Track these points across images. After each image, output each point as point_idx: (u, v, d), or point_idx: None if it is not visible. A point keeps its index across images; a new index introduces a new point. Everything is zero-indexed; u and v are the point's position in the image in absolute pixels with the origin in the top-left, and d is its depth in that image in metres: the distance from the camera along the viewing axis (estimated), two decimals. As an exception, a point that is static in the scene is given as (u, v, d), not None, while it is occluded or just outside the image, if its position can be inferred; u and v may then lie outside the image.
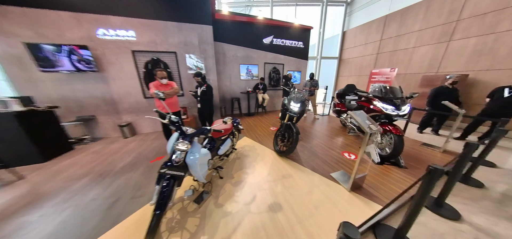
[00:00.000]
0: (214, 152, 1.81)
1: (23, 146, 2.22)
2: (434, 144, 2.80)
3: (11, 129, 2.14)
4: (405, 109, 2.06)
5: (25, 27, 2.53)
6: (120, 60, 3.11)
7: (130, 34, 3.04)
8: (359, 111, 1.56)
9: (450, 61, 3.96)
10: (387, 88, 2.28)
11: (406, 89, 4.96)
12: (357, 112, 1.55)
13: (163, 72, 2.28)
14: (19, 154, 2.21)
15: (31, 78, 2.73)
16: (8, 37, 2.48)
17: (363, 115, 1.50)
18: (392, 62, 5.25)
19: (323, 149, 2.58)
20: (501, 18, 3.23)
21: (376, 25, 5.61)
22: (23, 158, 2.23)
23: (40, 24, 2.58)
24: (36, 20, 2.55)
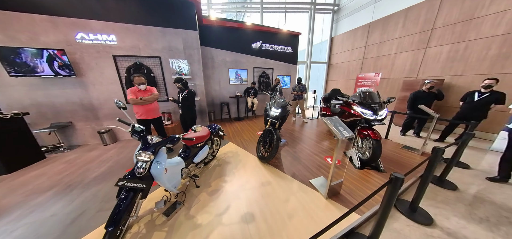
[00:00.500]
0: (189, 160, 1.74)
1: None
2: (414, 146, 2.87)
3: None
4: (382, 114, 2.10)
5: (-6, 30, 2.40)
6: (100, 64, 3.01)
7: (111, 38, 2.96)
8: (333, 117, 1.56)
9: (428, 66, 4.16)
10: (366, 93, 2.34)
11: (389, 93, 5.16)
12: (331, 117, 1.56)
13: (140, 78, 2.21)
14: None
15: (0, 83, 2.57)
16: (-26, 40, 2.34)
17: (337, 121, 1.51)
18: (376, 67, 5.45)
19: (307, 154, 2.57)
20: (469, 28, 3.47)
21: (361, 32, 5.85)
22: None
23: (11, 27, 2.46)
24: (7, 22, 2.44)
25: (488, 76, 3.12)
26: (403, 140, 3.40)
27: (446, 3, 3.77)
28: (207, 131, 1.95)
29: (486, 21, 3.29)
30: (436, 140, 3.34)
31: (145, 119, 2.38)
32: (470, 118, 2.72)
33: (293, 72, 6.19)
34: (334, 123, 1.48)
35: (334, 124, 1.46)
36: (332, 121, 1.49)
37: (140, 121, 2.38)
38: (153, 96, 2.33)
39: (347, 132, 1.42)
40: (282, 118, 2.39)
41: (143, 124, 2.37)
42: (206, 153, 1.98)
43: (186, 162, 1.71)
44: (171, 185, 1.49)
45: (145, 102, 2.26)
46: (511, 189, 1.84)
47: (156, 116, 2.48)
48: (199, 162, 1.91)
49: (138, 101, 2.20)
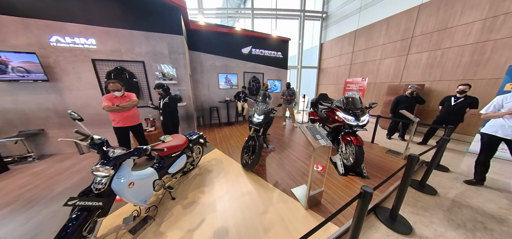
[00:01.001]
0: (163, 171, 1.64)
1: None
2: (399, 150, 2.92)
3: None
4: (364, 119, 2.11)
5: (-46, 32, 2.22)
6: (77, 69, 2.85)
7: (90, 42, 2.84)
8: (311, 125, 1.54)
9: (410, 72, 4.34)
10: (349, 98, 2.35)
11: (376, 97, 5.31)
12: (309, 125, 1.53)
13: (116, 84, 2.10)
14: None
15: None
16: None
17: (314, 129, 1.48)
18: (363, 72, 5.63)
19: (293, 160, 2.53)
20: (444, 37, 3.69)
21: (348, 38, 6.06)
22: None
23: (-25, 28, 2.29)
24: (-30, 24, 2.26)
25: (462, 81, 3.29)
26: (388, 144, 3.46)
27: (423, 14, 3.99)
28: (184, 140, 1.86)
29: (458, 31, 3.51)
30: (419, 143, 3.43)
31: (122, 126, 2.24)
32: (449, 122, 2.83)
33: (284, 77, 6.25)
34: (312, 131, 1.45)
35: (312, 132, 1.43)
36: (310, 129, 1.46)
37: (118, 129, 2.24)
38: (131, 102, 2.21)
39: (324, 140, 1.39)
40: (265, 124, 2.35)
41: (121, 132, 2.29)
42: (184, 163, 1.88)
43: (160, 173, 1.61)
44: (140, 199, 1.38)
45: (122, 109, 2.14)
46: (487, 192, 1.88)
47: (136, 123, 2.35)
48: (176, 172, 1.81)
49: (113, 108, 2.07)
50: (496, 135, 1.81)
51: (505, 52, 3.07)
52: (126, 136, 2.34)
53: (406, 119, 2.84)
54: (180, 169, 1.88)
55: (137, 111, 2.41)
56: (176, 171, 1.79)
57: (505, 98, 1.81)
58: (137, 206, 1.42)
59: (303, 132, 1.44)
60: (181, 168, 1.88)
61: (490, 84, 3.24)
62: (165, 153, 1.58)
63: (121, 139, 2.31)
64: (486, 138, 1.91)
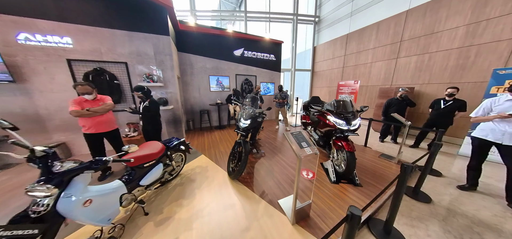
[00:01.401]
0: (133, 183, 1.45)
1: None
2: (392, 154, 2.86)
3: None
4: (356, 123, 2.02)
5: None
6: (50, 69, 2.62)
7: (66, 41, 2.62)
8: (297, 131, 1.42)
9: (400, 75, 4.40)
10: (340, 102, 2.27)
11: (368, 100, 5.34)
12: (295, 131, 1.41)
13: (86, 86, 1.87)
14: None
15: None
16: None
17: (300, 136, 1.36)
18: (355, 75, 5.68)
19: (282, 167, 2.39)
20: (430, 41, 3.77)
21: (340, 42, 6.13)
22: None
23: None
24: None
25: (450, 84, 3.33)
26: (381, 147, 3.41)
27: (410, 19, 4.08)
28: (160, 147, 1.68)
29: (444, 35, 3.59)
30: (411, 146, 3.41)
31: (94, 133, 2.02)
32: (439, 125, 2.82)
33: (277, 79, 6.19)
34: (297, 138, 1.33)
35: (297, 140, 1.31)
36: (295, 136, 1.34)
37: (89, 135, 2.02)
38: (105, 106, 2.00)
39: (311, 148, 1.27)
40: (253, 129, 2.21)
41: (94, 140, 2.05)
42: (160, 173, 1.69)
43: (130, 185, 1.42)
44: (101, 218, 1.18)
45: (93, 114, 1.92)
46: (480, 198, 1.81)
47: (110, 129, 2.13)
48: (151, 184, 1.62)
49: (83, 113, 1.85)
50: (487, 139, 1.77)
51: (489, 56, 3.14)
52: (100, 144, 2.12)
53: (398, 122, 2.79)
54: (156, 180, 1.70)
55: (112, 116, 2.20)
56: (150, 183, 1.60)
57: (494, 101, 1.78)
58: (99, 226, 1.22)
59: (288, 139, 1.31)
60: (157, 179, 1.70)
61: (476, 87, 3.30)
62: (133, 164, 1.40)
63: (93, 147, 2.08)
64: (477, 142, 1.87)
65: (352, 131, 1.98)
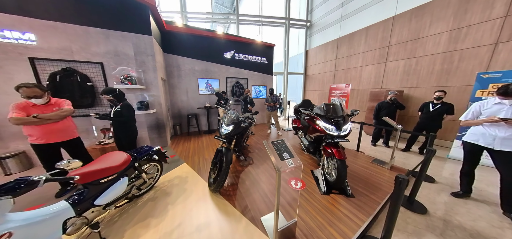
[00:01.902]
0: (85, 203, 1.20)
1: None
2: (384, 159, 2.77)
3: None
4: (346, 128, 1.90)
5: None
6: (7, 68, 2.31)
7: (28, 37, 2.34)
8: (280, 140, 1.26)
9: (389, 79, 4.44)
10: (329, 106, 2.16)
11: (360, 103, 5.35)
12: (277, 140, 1.25)
13: (33, 89, 1.56)
14: None
15: None
16: None
17: (282, 146, 1.20)
18: (347, 78, 5.71)
19: (270, 176, 2.21)
20: (417, 46, 3.85)
21: (331, 46, 6.20)
22: None
23: None
24: None
25: (437, 88, 3.37)
26: (374, 152, 3.34)
27: (397, 24, 4.17)
28: (124, 159, 1.44)
29: (429, 40, 3.67)
30: (403, 149, 3.37)
31: (46, 143, 1.67)
32: (429, 128, 2.78)
33: (269, 82, 6.10)
34: (279, 148, 1.16)
35: (278, 150, 1.14)
36: (277, 146, 1.17)
37: (38, 146, 1.67)
38: (60, 112, 1.69)
39: (293, 160, 1.10)
40: (237, 136, 2.03)
41: (45, 151, 1.69)
42: (124, 188, 1.44)
43: (79, 207, 1.17)
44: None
45: (42, 121, 1.58)
46: (475, 206, 1.73)
47: (68, 138, 1.81)
48: (111, 202, 1.37)
49: (27, 120, 1.52)
50: (478, 143, 1.70)
51: (471, 61, 3.21)
52: (55, 156, 1.75)
53: (389, 126, 2.73)
54: (119, 197, 1.45)
55: (71, 123, 1.89)
56: (110, 201, 1.35)
57: (482, 104, 1.73)
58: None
59: (268, 150, 1.14)
60: (120, 196, 1.45)
61: (461, 90, 3.35)
62: (83, 181, 1.16)
63: (45, 160, 1.72)
64: (468, 147, 1.80)
65: (342, 137, 1.85)
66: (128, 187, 1.57)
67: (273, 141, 1.20)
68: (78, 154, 1.93)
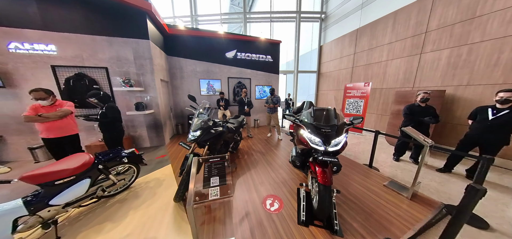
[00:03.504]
0: (40, 203, 1.24)
1: None
2: (404, 182, 2.09)
3: None
4: (337, 143, 1.44)
5: None
6: (36, 75, 2.78)
7: (50, 48, 2.76)
8: (219, 157, 0.99)
9: (425, 75, 3.43)
10: (320, 111, 1.73)
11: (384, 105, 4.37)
12: (215, 158, 0.99)
13: (39, 92, 1.86)
14: None
15: None
16: None
17: (219, 165, 0.93)
18: (367, 76, 4.78)
19: (248, 188, 1.93)
20: (470, 29, 2.79)
21: (349, 39, 5.32)
22: None
23: None
24: None
25: (505, 86, 2.34)
26: (394, 169, 2.61)
27: (439, 3, 3.15)
28: (85, 160, 1.45)
29: (492, 19, 2.60)
30: (440, 169, 2.50)
31: (49, 138, 1.98)
32: (484, 144, 1.95)
33: (275, 82, 5.71)
34: (212, 169, 0.90)
35: (209, 172, 0.88)
36: (212, 166, 0.91)
37: (46, 140, 2.00)
38: (58, 112, 1.94)
39: (218, 189, 0.83)
40: (211, 142, 1.84)
41: (51, 144, 2.02)
42: (84, 190, 1.46)
43: (33, 206, 1.21)
44: None
45: (44, 119, 1.88)
46: None
47: (66, 134, 2.06)
48: (73, 202, 1.40)
49: (33, 118, 1.83)
50: None
51: None
52: (59, 149, 2.07)
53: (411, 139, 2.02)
54: (81, 197, 1.47)
55: (72, 121, 2.13)
56: (69, 201, 1.38)
57: None
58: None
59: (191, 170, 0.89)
60: (81, 196, 1.47)
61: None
62: (35, 182, 1.20)
63: (51, 151, 2.07)
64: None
65: (330, 154, 1.42)
66: (94, 188, 1.60)
67: (212, 158, 0.95)
68: (76, 149, 2.17)
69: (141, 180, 2.18)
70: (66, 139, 2.09)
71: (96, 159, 1.57)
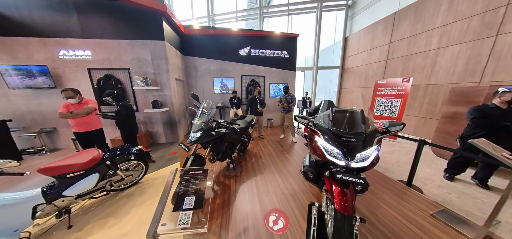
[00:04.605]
0: (54, 194, 1.34)
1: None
2: (467, 214, 1.50)
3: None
4: (365, 157, 1.06)
5: (3, 52, 2.95)
6: (78, 77, 3.25)
7: (87, 53, 3.18)
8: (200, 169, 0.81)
9: (504, 65, 2.46)
10: (341, 114, 1.37)
11: (428, 107, 3.46)
12: (197, 170, 0.83)
13: (68, 91, 2.12)
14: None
15: (5, 94, 3.10)
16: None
17: (196, 182, 0.75)
18: (407, 69, 3.87)
19: (246, 201, 1.73)
20: None
21: (383, 26, 4.42)
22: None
23: (13, 49, 2.97)
24: (11, 46, 2.95)
25: None
26: (447, 192, 1.96)
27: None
28: (93, 156, 1.52)
29: None
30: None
31: (78, 132, 2.27)
32: None
33: (291, 79, 5.30)
34: (188, 184, 0.72)
35: (184, 187, 0.71)
36: (187, 182, 0.74)
37: (76, 134, 2.29)
38: (84, 109, 2.19)
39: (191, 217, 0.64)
40: (215, 143, 1.73)
41: (80, 137, 2.31)
42: (93, 183, 1.54)
43: (49, 196, 1.32)
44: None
45: (74, 116, 2.14)
46: None
47: (91, 128, 2.31)
48: (85, 194, 1.50)
49: (65, 115, 2.11)
50: None
51: None
52: (87, 141, 2.35)
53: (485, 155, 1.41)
54: (92, 190, 1.56)
55: (95, 117, 2.37)
56: (80, 193, 1.48)
57: None
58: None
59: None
60: (94, 189, 1.56)
61: None
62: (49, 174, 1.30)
63: (81, 144, 2.36)
64: None
65: (354, 171, 1.07)
66: (104, 182, 1.68)
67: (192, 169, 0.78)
68: (98, 142, 2.41)
69: (150, 176, 2.24)
70: (91, 133, 2.34)
71: (104, 155, 1.64)
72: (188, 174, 0.78)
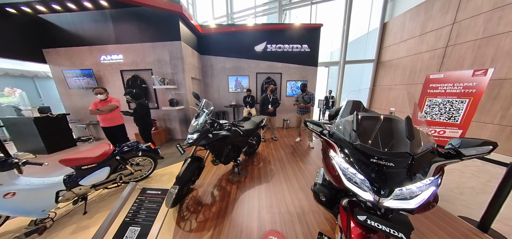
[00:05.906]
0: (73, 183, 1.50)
1: (36, 142, 3.08)
2: None
3: (29, 129, 3.03)
4: (411, 193, 0.65)
5: (65, 60, 3.71)
6: (114, 78, 3.78)
7: (120, 57, 3.64)
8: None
9: None
10: (372, 120, 0.98)
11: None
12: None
13: (99, 89, 2.40)
14: (31, 147, 3.09)
15: (67, 93, 3.91)
16: (58, 66, 3.73)
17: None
18: (481, 58, 2.77)
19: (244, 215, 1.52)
20: None
21: (442, 2, 3.31)
22: (33, 150, 3.07)
23: (72, 57, 3.68)
24: (71, 54, 3.67)
25: None
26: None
27: None
28: (104, 151, 1.63)
29: None
30: None
31: (104, 126, 2.56)
32: None
33: (312, 76, 4.74)
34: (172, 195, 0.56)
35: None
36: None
37: (103, 128, 2.59)
38: (107, 106, 2.44)
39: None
40: (215, 146, 1.60)
41: (107, 132, 2.60)
42: (105, 176, 1.66)
43: (69, 184, 1.48)
44: (27, 210, 1.30)
45: (101, 112, 2.41)
46: None
47: (113, 124, 2.57)
48: (99, 184, 1.64)
49: (94, 111, 2.40)
50: None
51: None
52: (112, 135, 2.63)
53: None
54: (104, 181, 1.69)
55: (117, 114, 2.62)
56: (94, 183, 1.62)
57: None
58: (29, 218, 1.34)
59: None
60: (103, 181, 1.69)
61: None
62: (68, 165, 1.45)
63: (108, 137, 2.65)
64: None
65: (388, 213, 0.70)
66: (115, 174, 1.80)
67: (150, 189, 0.63)
68: (123, 136, 2.69)
69: (159, 172, 2.33)
70: (115, 128, 2.61)
71: (114, 150, 1.75)
72: (144, 193, 0.63)
